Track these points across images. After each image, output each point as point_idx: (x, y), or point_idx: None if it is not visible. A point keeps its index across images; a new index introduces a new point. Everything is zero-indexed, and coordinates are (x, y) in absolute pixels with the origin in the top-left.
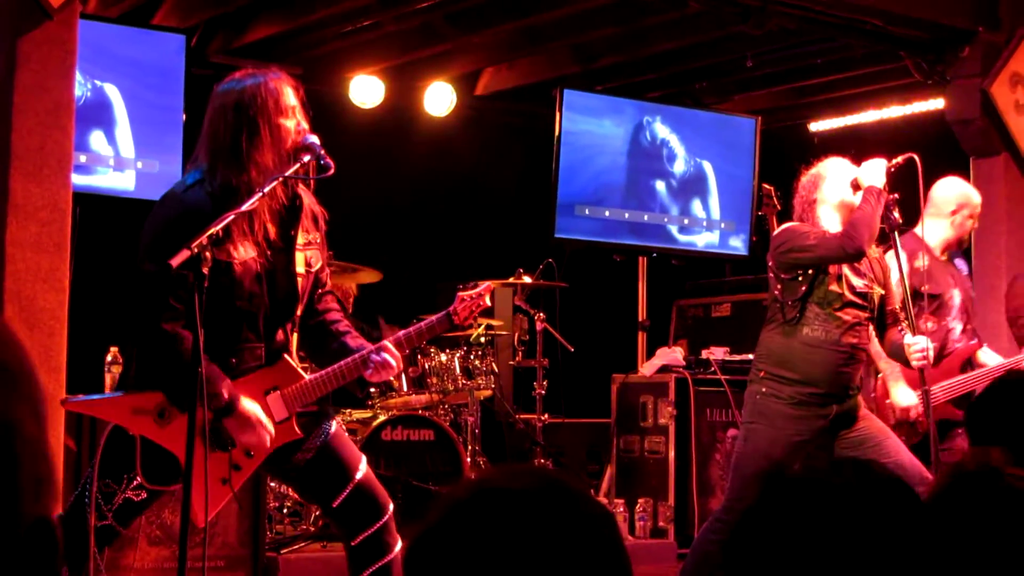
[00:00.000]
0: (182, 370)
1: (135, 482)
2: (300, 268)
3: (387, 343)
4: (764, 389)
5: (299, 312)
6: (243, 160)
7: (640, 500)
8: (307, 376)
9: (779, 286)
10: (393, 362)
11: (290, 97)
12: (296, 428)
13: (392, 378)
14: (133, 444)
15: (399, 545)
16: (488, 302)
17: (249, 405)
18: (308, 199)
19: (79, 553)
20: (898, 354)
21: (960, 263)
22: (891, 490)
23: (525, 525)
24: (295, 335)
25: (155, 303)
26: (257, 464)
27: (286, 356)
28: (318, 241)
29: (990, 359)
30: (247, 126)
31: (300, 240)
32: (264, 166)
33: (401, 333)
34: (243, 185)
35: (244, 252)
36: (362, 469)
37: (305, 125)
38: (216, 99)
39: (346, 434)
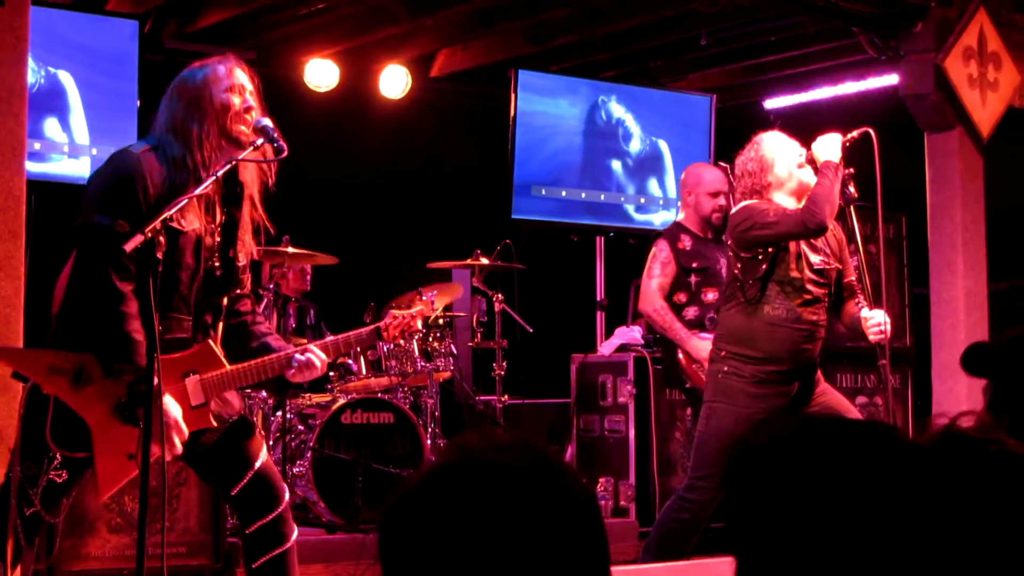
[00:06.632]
0: (122, 332)
1: (55, 462)
2: (241, 259)
3: (312, 345)
4: (726, 368)
5: (226, 301)
6: (194, 138)
7: (601, 479)
8: (229, 366)
9: (739, 265)
10: (317, 363)
11: (239, 77)
12: (211, 418)
13: (351, 361)
14: (45, 419)
15: (295, 535)
16: (419, 326)
17: (171, 406)
18: (254, 189)
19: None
20: (856, 328)
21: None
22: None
23: (507, 501)
24: (220, 325)
25: (108, 257)
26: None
27: (210, 342)
28: (249, 244)
29: None
30: (197, 107)
31: (243, 236)
32: (213, 143)
33: (328, 339)
34: (195, 163)
35: (191, 222)
36: (262, 457)
37: (254, 103)
38: (173, 86)
39: (250, 420)
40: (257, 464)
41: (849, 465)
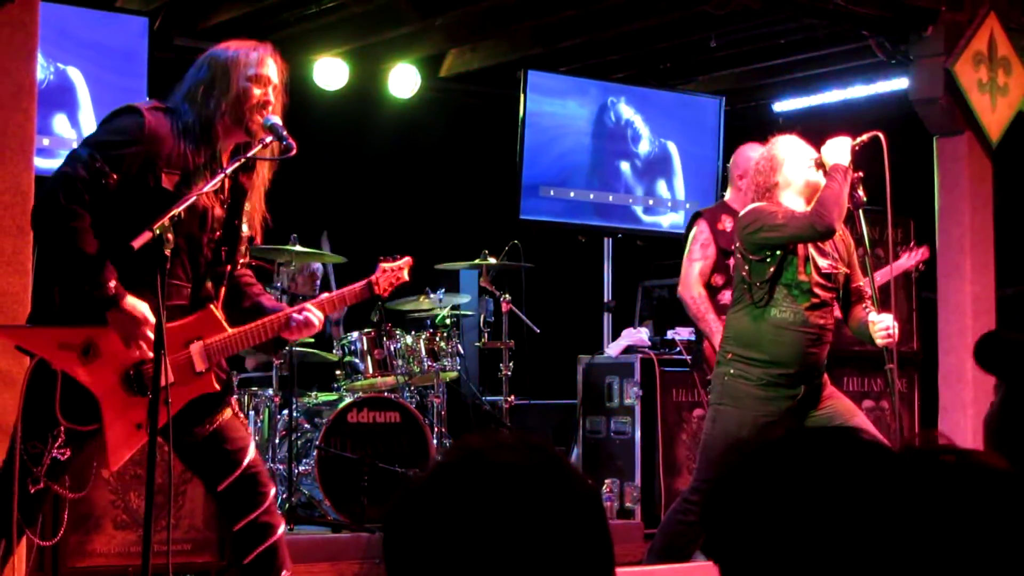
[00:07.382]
0: (73, 249)
1: (59, 439)
2: (245, 229)
3: (308, 304)
4: (732, 371)
5: (229, 268)
6: (207, 114)
7: (607, 481)
8: (231, 330)
9: (747, 267)
10: (315, 320)
11: (267, 68)
12: (214, 382)
13: (358, 360)
14: (53, 395)
15: (282, 527)
16: (407, 276)
17: (135, 302)
18: (264, 173)
19: (8, 521)
20: (863, 332)
21: None
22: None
23: (510, 499)
24: (223, 291)
25: (62, 179)
26: (174, 412)
27: (212, 306)
28: (256, 214)
29: None
30: (218, 86)
31: (246, 206)
32: (224, 123)
33: (323, 296)
34: (203, 136)
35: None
36: (251, 454)
37: (273, 99)
38: (203, 59)
39: (240, 417)
40: (246, 462)
41: (821, 481)
